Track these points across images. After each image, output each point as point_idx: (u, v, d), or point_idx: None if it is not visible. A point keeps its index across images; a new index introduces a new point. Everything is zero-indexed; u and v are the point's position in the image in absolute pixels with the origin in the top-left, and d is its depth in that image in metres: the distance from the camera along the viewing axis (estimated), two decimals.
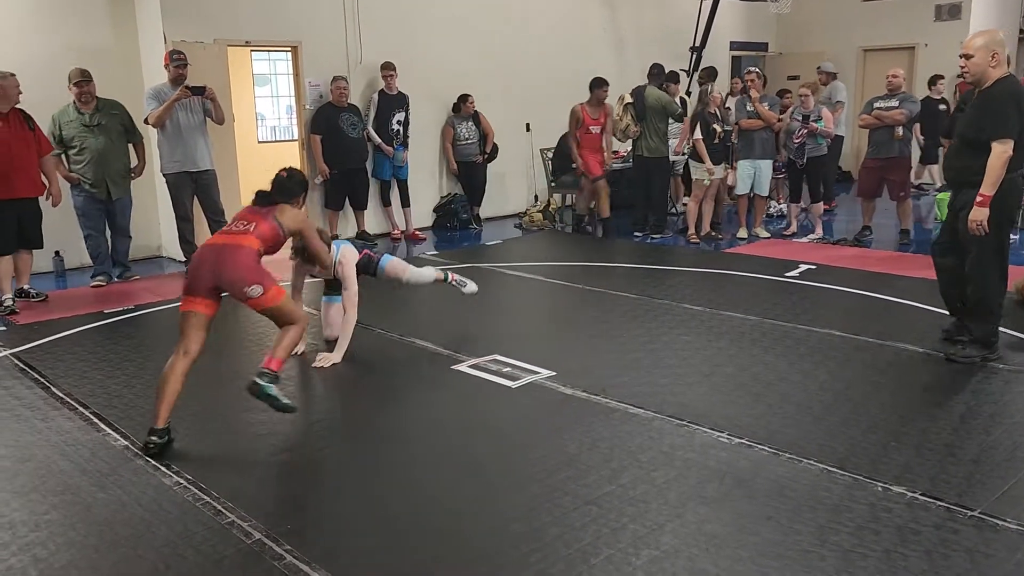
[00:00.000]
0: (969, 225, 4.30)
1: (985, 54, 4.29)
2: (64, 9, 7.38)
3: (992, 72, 4.30)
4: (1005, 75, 4.34)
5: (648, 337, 5.14)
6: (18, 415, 4.05)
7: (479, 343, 5.02)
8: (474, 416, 4.03)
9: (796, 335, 5.09)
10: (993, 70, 4.30)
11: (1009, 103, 4.22)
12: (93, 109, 6.57)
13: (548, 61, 10.53)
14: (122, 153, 6.80)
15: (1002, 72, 4.32)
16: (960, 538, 2.77)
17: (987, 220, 4.25)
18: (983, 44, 4.30)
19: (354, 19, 8.66)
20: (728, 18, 12.28)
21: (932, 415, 3.80)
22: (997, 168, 4.20)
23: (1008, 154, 4.19)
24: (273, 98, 12.21)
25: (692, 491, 3.14)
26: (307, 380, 4.58)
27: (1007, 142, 4.18)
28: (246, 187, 8.35)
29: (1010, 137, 4.19)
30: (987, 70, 4.31)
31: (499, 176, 10.10)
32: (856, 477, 3.20)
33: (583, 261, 7.55)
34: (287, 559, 2.74)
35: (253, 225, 3.91)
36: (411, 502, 3.15)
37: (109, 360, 4.88)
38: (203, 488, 3.23)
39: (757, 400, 4.05)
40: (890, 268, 6.81)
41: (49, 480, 3.35)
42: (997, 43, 4.31)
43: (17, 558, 2.78)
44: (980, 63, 4.30)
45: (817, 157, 8.30)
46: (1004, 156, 4.19)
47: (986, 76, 4.32)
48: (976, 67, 4.32)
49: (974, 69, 4.35)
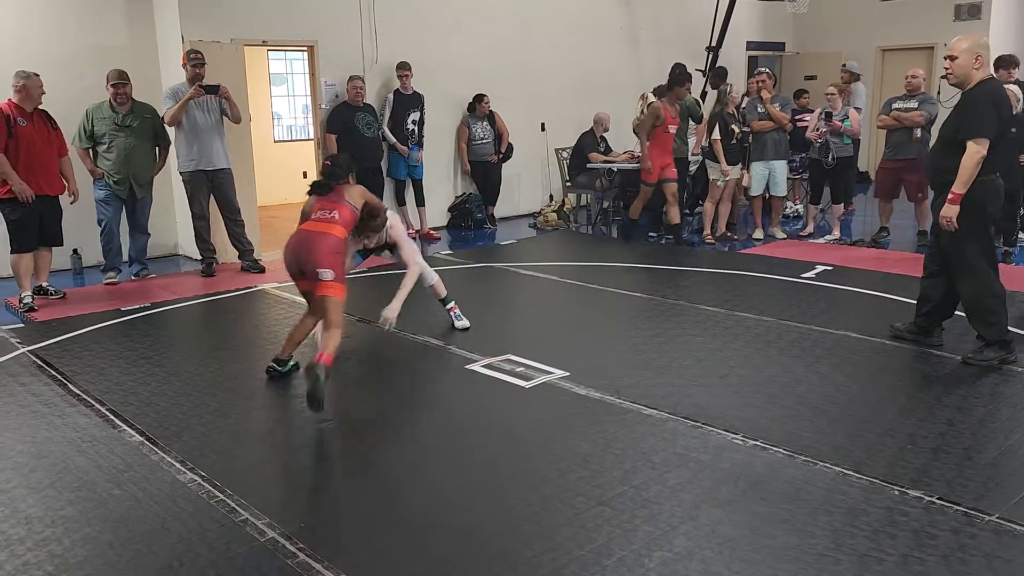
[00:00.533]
0: (940, 221, 4.37)
1: (969, 57, 4.34)
2: (83, 10, 7.45)
3: (975, 74, 4.35)
4: (987, 77, 4.39)
5: (663, 338, 5.12)
6: (35, 411, 4.08)
7: (493, 343, 5.02)
8: (487, 416, 4.03)
9: (812, 337, 5.06)
10: (976, 72, 4.35)
11: (988, 104, 4.28)
12: (128, 110, 6.66)
13: (564, 61, 10.52)
14: (148, 155, 6.87)
15: (984, 74, 4.38)
16: (978, 543, 2.74)
17: (956, 218, 4.32)
18: (967, 47, 4.35)
19: (370, 19, 8.68)
20: (745, 18, 12.22)
21: (950, 419, 3.76)
22: (969, 167, 4.25)
23: (981, 154, 4.23)
24: (289, 97, 12.26)
25: (706, 493, 3.13)
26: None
27: (982, 142, 4.23)
28: (262, 186, 8.41)
29: (985, 137, 4.24)
30: (970, 72, 4.35)
31: (514, 176, 10.10)
32: (872, 480, 3.17)
33: (598, 261, 7.53)
34: (300, 557, 2.75)
35: (336, 213, 4.32)
36: (424, 501, 3.16)
37: (126, 357, 4.91)
38: (217, 486, 3.25)
39: (772, 402, 4.02)
40: (907, 270, 6.74)
41: (65, 476, 3.38)
42: (981, 47, 4.36)
43: (33, 553, 2.81)
44: (964, 65, 4.36)
45: (844, 157, 8.20)
46: (977, 156, 4.23)
47: (969, 78, 4.37)
48: (960, 69, 4.38)
49: (958, 71, 4.40)
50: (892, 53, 12.57)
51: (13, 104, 5.97)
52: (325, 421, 3.94)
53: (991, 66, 4.39)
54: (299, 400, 4.19)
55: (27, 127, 5.98)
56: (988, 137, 4.24)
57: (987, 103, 4.29)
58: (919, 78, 7.75)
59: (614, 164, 9.38)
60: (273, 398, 4.32)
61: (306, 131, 11.85)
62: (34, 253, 6.22)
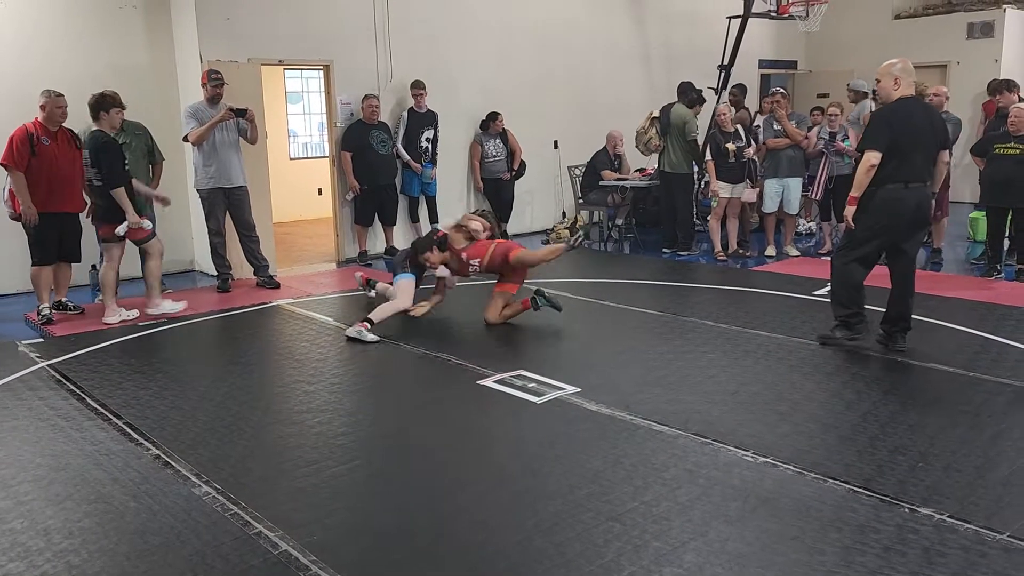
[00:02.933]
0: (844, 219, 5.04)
1: (889, 79, 4.87)
2: (104, 30, 7.60)
3: (894, 95, 4.86)
4: (905, 96, 4.86)
5: (673, 354, 5.14)
6: (54, 425, 4.15)
7: (504, 358, 5.05)
8: (499, 431, 4.06)
9: (823, 354, 5.06)
10: (895, 93, 4.85)
11: (882, 122, 4.85)
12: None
13: (577, 79, 10.60)
14: (144, 172, 6.91)
15: (904, 94, 4.86)
16: (988, 561, 2.73)
17: (851, 217, 4.91)
18: (887, 72, 4.90)
19: (385, 38, 8.79)
20: (757, 36, 12.27)
21: (962, 436, 3.76)
22: (860, 174, 4.84)
23: (871, 163, 4.77)
24: (305, 115, 12.40)
25: (716, 509, 3.14)
26: (333, 394, 4.63)
27: (870, 153, 4.78)
28: (278, 203, 8.51)
29: (874, 149, 4.77)
30: (891, 93, 4.87)
31: (527, 193, 10.17)
32: (883, 498, 3.17)
33: (609, 278, 7.56)
34: (313, 570, 2.78)
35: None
36: (436, 515, 3.18)
37: (143, 372, 4.98)
38: (232, 499, 3.29)
39: (783, 419, 4.02)
40: (921, 287, 6.71)
41: (83, 489, 3.43)
42: (900, 71, 4.86)
43: (51, 564, 2.85)
44: (886, 87, 4.90)
45: (842, 176, 8.20)
46: (867, 164, 4.79)
47: (890, 98, 4.89)
48: (882, 90, 4.94)
49: (881, 92, 4.97)
50: None
51: (39, 123, 6.07)
52: (338, 436, 3.98)
53: (912, 87, 4.94)
54: (312, 414, 4.24)
55: (50, 146, 6.06)
56: (877, 149, 4.76)
57: (882, 121, 4.85)
58: (942, 96, 7.66)
59: (627, 181, 9.43)
60: (287, 412, 4.36)
61: (321, 148, 11.98)
62: (54, 268, 6.30)
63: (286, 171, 11.27)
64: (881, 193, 4.80)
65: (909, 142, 4.76)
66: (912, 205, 4.83)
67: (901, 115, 4.80)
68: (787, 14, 11.00)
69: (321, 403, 4.43)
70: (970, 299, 6.37)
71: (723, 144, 8.12)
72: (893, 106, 4.84)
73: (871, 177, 4.77)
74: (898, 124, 4.77)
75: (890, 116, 4.81)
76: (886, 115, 4.85)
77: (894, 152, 4.73)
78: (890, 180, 4.77)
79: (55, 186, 6.08)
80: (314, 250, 9.46)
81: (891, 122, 4.78)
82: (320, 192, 11.26)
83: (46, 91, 6.11)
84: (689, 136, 8.48)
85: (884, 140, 4.75)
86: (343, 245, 8.85)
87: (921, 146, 4.85)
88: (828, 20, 11.44)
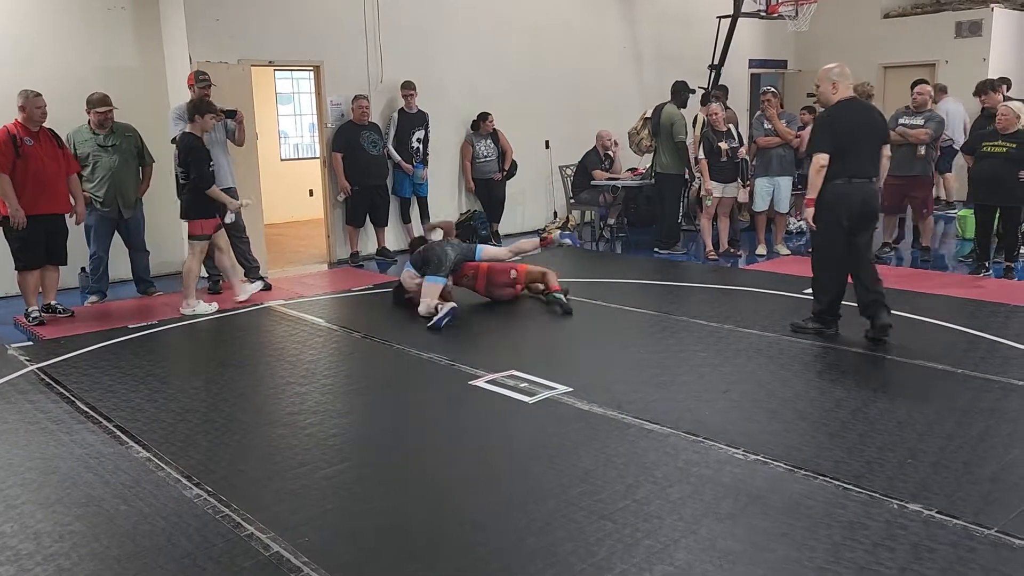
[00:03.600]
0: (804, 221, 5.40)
1: (827, 84, 5.16)
2: (92, 31, 7.57)
3: (832, 98, 5.15)
4: (844, 99, 5.14)
5: (665, 353, 5.15)
6: (44, 428, 4.13)
7: (497, 359, 5.06)
8: (491, 431, 4.06)
9: (813, 352, 5.08)
10: (833, 96, 5.15)
11: (824, 125, 5.16)
12: (108, 131, 6.71)
13: (568, 79, 10.62)
14: (133, 174, 6.91)
15: (843, 96, 5.14)
16: (976, 556, 2.75)
17: (812, 218, 5.19)
18: (825, 77, 5.18)
19: (375, 39, 8.79)
20: (747, 36, 12.31)
21: (950, 433, 3.78)
22: (812, 176, 5.13)
23: (820, 164, 5.06)
24: (296, 116, 12.38)
25: (707, 507, 3.15)
26: (325, 395, 4.63)
27: (819, 156, 5.07)
28: (269, 204, 8.50)
29: (820, 151, 5.07)
30: (829, 96, 5.16)
31: (518, 193, 10.18)
32: (872, 494, 3.19)
33: (601, 277, 7.58)
34: (304, 571, 2.78)
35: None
36: (428, 516, 3.19)
37: (133, 375, 4.96)
38: (223, 501, 3.29)
39: (773, 417, 4.04)
40: (910, 285, 6.77)
41: (73, 492, 3.42)
42: (837, 75, 5.15)
43: (42, 567, 2.84)
44: (824, 91, 5.20)
45: None
46: (816, 166, 5.08)
47: (828, 101, 5.19)
48: (821, 94, 5.25)
49: (820, 96, 5.30)
50: (894, 70, 12.65)
51: (19, 124, 6.00)
52: (330, 437, 3.98)
53: (850, 89, 5.24)
54: (303, 416, 4.24)
55: (34, 146, 5.99)
56: (823, 151, 5.05)
57: (824, 124, 5.17)
58: (925, 94, 7.73)
59: (618, 181, 9.45)
60: (278, 414, 4.36)
61: (312, 149, 11.97)
62: (40, 272, 6.25)
63: (277, 172, 11.25)
64: (828, 189, 5.08)
65: (851, 141, 5.05)
66: (858, 199, 5.10)
67: (841, 117, 5.10)
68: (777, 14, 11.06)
69: (312, 404, 4.43)
70: (959, 296, 6.41)
71: (716, 143, 8.14)
72: (833, 109, 5.14)
73: (823, 177, 5.07)
74: (839, 125, 5.07)
75: (831, 119, 5.13)
76: (827, 118, 5.17)
77: (838, 151, 5.02)
78: (835, 177, 5.06)
79: (41, 187, 6.02)
80: (305, 251, 9.45)
81: (833, 124, 5.09)
82: (311, 193, 11.24)
83: (23, 91, 6.02)
84: (676, 138, 8.48)
85: (828, 141, 5.05)
86: (334, 246, 8.84)
87: (863, 144, 5.13)
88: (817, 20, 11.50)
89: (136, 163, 6.93)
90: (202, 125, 6.36)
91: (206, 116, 6.35)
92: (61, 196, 6.22)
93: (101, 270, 6.96)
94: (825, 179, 5.07)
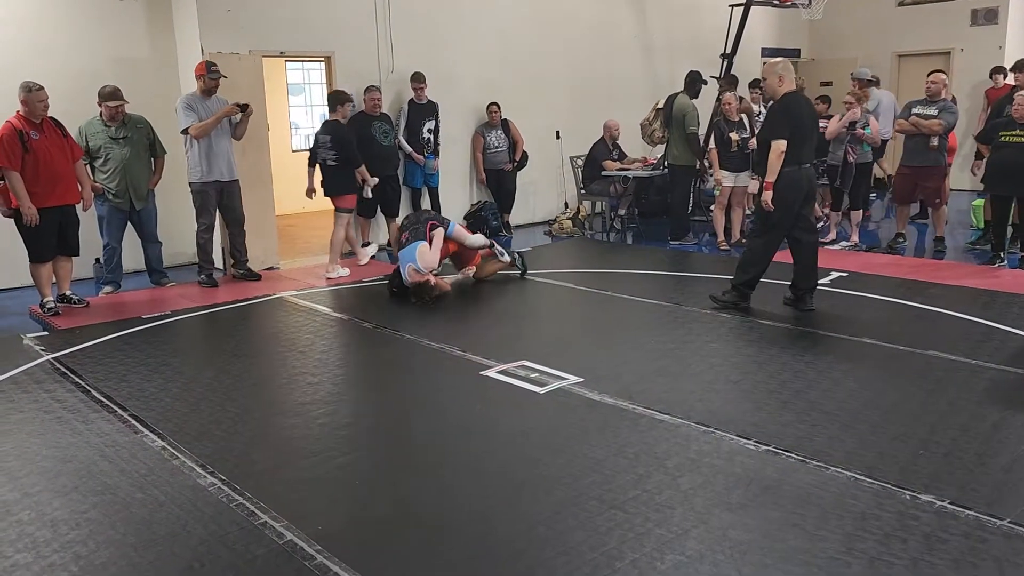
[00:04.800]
0: (762, 204, 5.63)
1: (773, 78, 5.60)
2: (105, 23, 7.59)
3: (779, 91, 5.58)
4: (788, 92, 5.57)
5: (676, 344, 5.15)
6: (59, 417, 4.17)
7: (508, 349, 5.07)
8: (502, 421, 4.07)
9: (826, 343, 5.07)
10: (779, 89, 5.57)
11: (780, 114, 5.54)
12: (119, 123, 6.72)
13: (579, 69, 10.58)
14: (145, 165, 6.93)
15: (787, 89, 5.58)
16: (989, 547, 2.75)
17: (771, 201, 5.53)
18: (772, 71, 5.63)
19: (386, 30, 8.78)
20: (760, 25, 12.22)
21: (963, 424, 3.77)
22: (773, 161, 5.50)
23: (780, 150, 5.45)
24: (307, 107, 12.39)
25: (718, 497, 3.15)
26: (336, 385, 4.65)
27: (779, 142, 5.46)
28: (280, 195, 8.51)
29: (780, 138, 5.45)
30: (776, 89, 5.59)
31: (529, 184, 10.16)
32: (884, 485, 3.19)
33: (612, 268, 7.57)
34: (317, 559, 2.80)
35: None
36: (439, 505, 3.20)
37: (147, 364, 5.00)
38: (237, 489, 3.31)
39: (785, 407, 4.04)
40: (923, 275, 6.74)
41: (89, 480, 3.46)
42: (783, 70, 5.61)
43: (59, 555, 2.88)
44: (771, 85, 5.65)
45: (862, 164, 8.17)
46: (777, 151, 5.47)
47: (775, 94, 5.63)
48: (768, 88, 5.73)
49: (767, 89, 5.80)
50: (908, 59, 12.53)
51: (22, 117, 5.92)
52: (342, 427, 4.00)
53: (793, 83, 5.64)
54: (316, 406, 4.27)
55: (40, 139, 5.95)
56: (783, 138, 5.44)
57: (782, 113, 5.53)
58: (939, 83, 7.65)
59: (629, 171, 9.42)
60: (291, 404, 4.39)
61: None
62: (53, 263, 6.27)
63: (288, 163, 11.26)
64: (783, 175, 5.50)
65: (800, 130, 5.51)
66: (807, 183, 5.64)
67: (793, 108, 5.53)
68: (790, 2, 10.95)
69: (325, 395, 4.46)
70: (973, 287, 6.37)
71: (727, 133, 8.10)
72: (785, 101, 5.55)
73: (782, 162, 5.47)
74: (792, 115, 5.50)
75: (786, 109, 5.52)
76: (783, 108, 5.54)
77: (792, 139, 5.45)
78: (788, 164, 5.49)
79: (50, 180, 6.00)
80: (317, 242, 9.46)
81: (788, 114, 5.50)
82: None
83: (25, 84, 5.90)
84: (688, 129, 8.44)
85: (787, 129, 5.47)
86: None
87: (808, 133, 5.63)
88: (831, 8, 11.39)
89: (148, 155, 6.95)
90: (343, 112, 7.30)
91: (344, 104, 7.32)
92: (70, 186, 6.20)
93: (115, 261, 7.00)
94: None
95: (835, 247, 8.27)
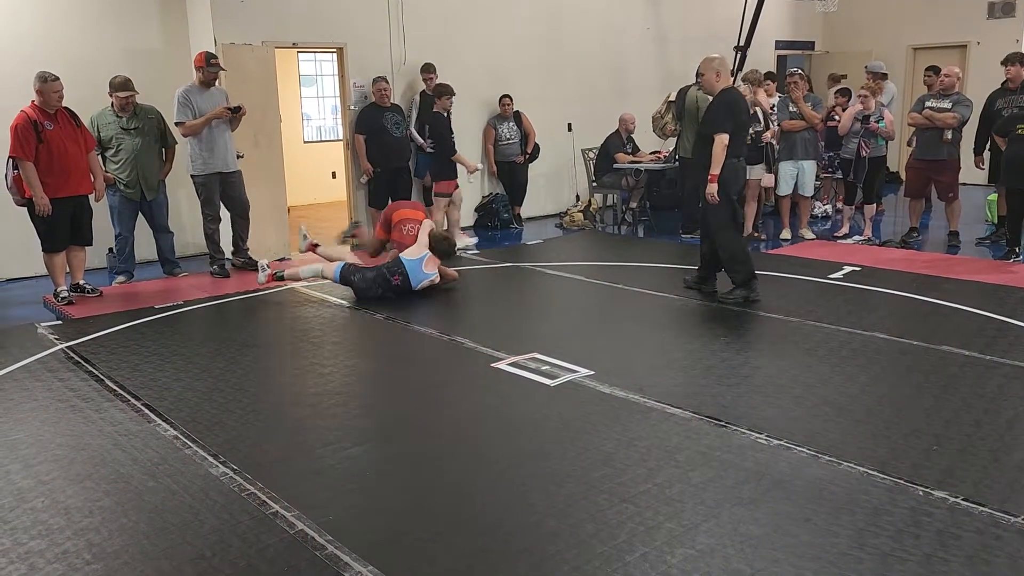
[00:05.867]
0: (707, 198, 5.72)
1: (711, 73, 5.77)
2: (118, 13, 7.63)
3: (717, 86, 5.77)
4: (726, 87, 5.78)
5: (687, 337, 5.13)
6: (73, 406, 4.20)
7: (519, 341, 5.06)
8: (513, 413, 4.07)
9: (839, 338, 5.04)
10: (717, 84, 5.77)
11: (724, 108, 5.69)
12: (131, 114, 6.74)
13: (591, 62, 10.54)
14: (156, 156, 6.94)
15: (724, 85, 5.79)
16: (1003, 544, 2.73)
17: (716, 193, 5.67)
18: (709, 66, 5.81)
19: (398, 21, 8.77)
20: (774, 17, 12.15)
21: (977, 420, 3.74)
22: (718, 154, 5.63)
23: (723, 144, 5.60)
24: (319, 98, 12.40)
25: (729, 491, 3.15)
26: (348, 376, 4.66)
27: (722, 135, 5.61)
28: (292, 186, 8.54)
29: (723, 132, 5.61)
30: (714, 84, 5.78)
31: (541, 176, 10.15)
32: (897, 481, 3.17)
33: (624, 261, 7.55)
34: (328, 549, 2.81)
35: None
36: (450, 497, 3.21)
37: (160, 354, 5.03)
38: (249, 479, 3.33)
39: (797, 402, 4.02)
40: (937, 270, 6.69)
41: (103, 468, 3.48)
42: (720, 65, 5.82)
43: (72, 542, 2.90)
44: (709, 80, 5.80)
45: (876, 157, 8.12)
46: (720, 145, 5.61)
47: (713, 89, 5.81)
48: (707, 83, 5.87)
49: (705, 84, 5.96)
50: (923, 52, 12.42)
51: (36, 107, 5.95)
52: (353, 418, 4.01)
53: (731, 79, 5.88)
54: (327, 396, 4.28)
55: (55, 130, 5.98)
56: (726, 132, 5.61)
57: (725, 107, 5.68)
58: (952, 76, 7.59)
59: (641, 164, 9.39)
60: (303, 394, 4.40)
61: (335, 132, 11.99)
62: (67, 253, 6.31)
63: (300, 154, 11.29)
64: (726, 166, 5.67)
65: (738, 124, 5.75)
66: (743, 175, 6.08)
67: (732, 103, 5.72)
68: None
69: (336, 385, 4.47)
70: (988, 282, 6.32)
71: None
72: (725, 96, 5.72)
73: (725, 154, 5.63)
74: (734, 110, 5.69)
75: (728, 104, 5.69)
76: (724, 103, 5.71)
77: (733, 133, 5.65)
78: (728, 156, 5.68)
79: (64, 170, 6.03)
80: (328, 233, 9.45)
81: (730, 108, 5.68)
82: (334, 175, 11.28)
83: (40, 74, 5.93)
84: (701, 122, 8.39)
85: (730, 123, 5.65)
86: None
87: (744, 127, 5.94)
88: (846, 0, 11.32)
89: (159, 145, 6.97)
90: (442, 104, 7.95)
91: (443, 97, 7.97)
92: (83, 177, 6.24)
93: (128, 251, 7.03)
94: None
95: (848, 241, 8.24)
